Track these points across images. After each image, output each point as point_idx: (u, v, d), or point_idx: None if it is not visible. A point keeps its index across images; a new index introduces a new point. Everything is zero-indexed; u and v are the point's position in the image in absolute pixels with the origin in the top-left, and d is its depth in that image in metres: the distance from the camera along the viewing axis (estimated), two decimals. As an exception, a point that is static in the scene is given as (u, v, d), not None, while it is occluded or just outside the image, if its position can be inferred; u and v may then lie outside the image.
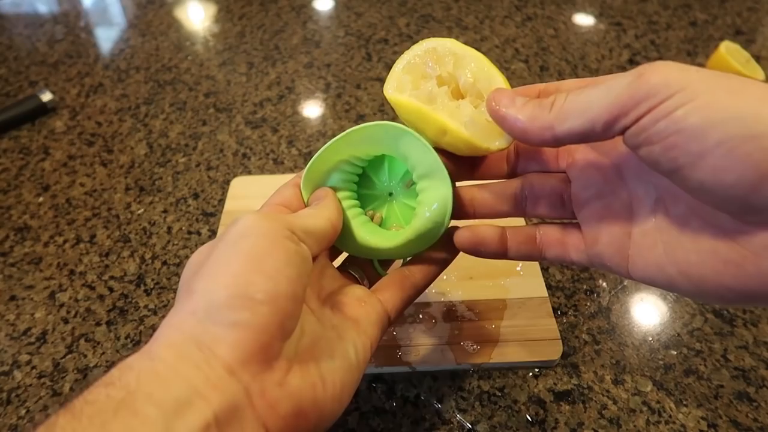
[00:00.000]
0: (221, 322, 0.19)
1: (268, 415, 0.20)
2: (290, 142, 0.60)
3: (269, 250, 0.21)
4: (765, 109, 0.17)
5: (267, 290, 0.20)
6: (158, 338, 0.20)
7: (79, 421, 0.17)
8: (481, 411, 0.38)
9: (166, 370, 0.19)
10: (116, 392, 0.18)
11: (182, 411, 0.18)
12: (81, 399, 0.18)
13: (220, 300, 0.20)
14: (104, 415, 0.17)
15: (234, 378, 0.19)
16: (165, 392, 0.18)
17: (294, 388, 0.21)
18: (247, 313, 0.20)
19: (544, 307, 0.43)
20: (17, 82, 0.69)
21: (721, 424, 0.38)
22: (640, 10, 0.81)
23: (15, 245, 0.50)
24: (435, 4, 0.83)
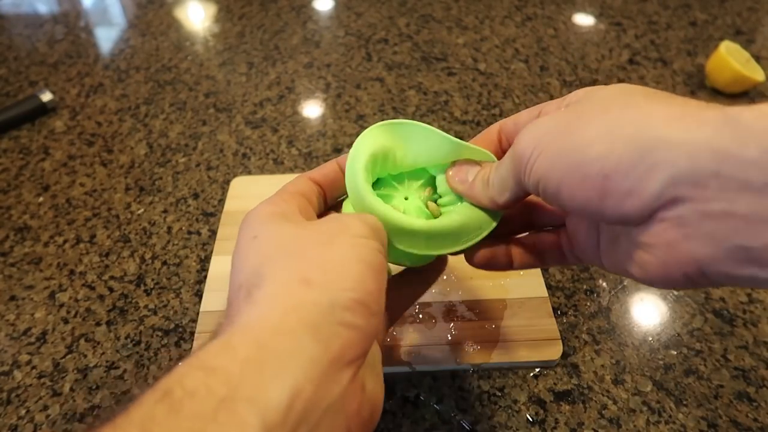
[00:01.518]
0: (341, 321, 0.20)
1: (354, 418, 0.20)
2: (290, 142, 0.60)
3: (381, 267, 0.23)
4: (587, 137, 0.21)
5: (379, 303, 0.22)
6: (263, 318, 0.20)
7: (177, 419, 0.17)
8: (481, 411, 0.38)
9: (274, 365, 0.18)
10: (218, 386, 0.17)
11: (281, 420, 0.17)
12: (178, 384, 0.17)
13: (344, 300, 0.20)
14: (204, 418, 0.17)
15: (335, 377, 0.19)
16: (269, 396, 0.17)
17: (371, 393, 0.22)
18: (363, 320, 0.20)
19: (544, 307, 0.43)
20: (17, 82, 0.69)
21: (721, 424, 0.38)
22: (640, 10, 0.81)
23: (15, 245, 0.50)
24: (435, 4, 0.83)
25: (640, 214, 0.20)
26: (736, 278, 0.19)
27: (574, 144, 0.21)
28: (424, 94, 0.66)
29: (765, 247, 0.17)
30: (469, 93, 0.66)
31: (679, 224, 0.19)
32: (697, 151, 0.18)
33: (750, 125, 0.17)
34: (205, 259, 0.48)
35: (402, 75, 0.69)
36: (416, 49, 0.74)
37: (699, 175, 0.18)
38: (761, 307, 0.44)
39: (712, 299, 0.45)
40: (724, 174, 0.17)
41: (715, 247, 0.18)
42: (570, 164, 0.21)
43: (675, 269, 0.20)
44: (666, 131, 0.19)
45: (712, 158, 0.18)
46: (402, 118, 0.63)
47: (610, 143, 0.20)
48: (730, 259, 0.18)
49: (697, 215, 0.18)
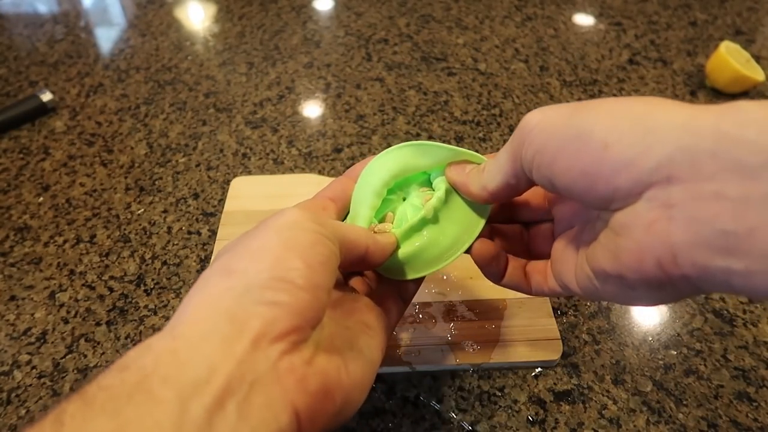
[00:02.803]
0: (259, 300, 0.20)
1: (296, 390, 0.20)
2: (290, 142, 0.60)
3: (311, 244, 0.22)
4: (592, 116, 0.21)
5: (307, 277, 0.21)
6: (183, 315, 0.20)
7: (91, 408, 0.17)
8: (481, 411, 0.38)
9: (187, 349, 0.19)
10: (131, 376, 0.18)
11: (199, 391, 0.17)
12: (95, 384, 0.18)
13: (261, 280, 0.20)
14: (117, 401, 0.17)
15: (260, 353, 0.19)
16: (182, 373, 0.18)
17: (321, 367, 0.21)
18: (286, 295, 0.20)
19: (544, 307, 0.43)
20: (17, 82, 0.69)
21: (721, 424, 0.38)
22: (640, 10, 0.81)
23: (15, 245, 0.50)
24: (435, 4, 0.83)
25: (630, 189, 0.20)
26: (708, 271, 0.18)
27: (579, 119, 0.22)
28: (424, 94, 0.66)
29: (747, 231, 0.17)
30: (469, 93, 0.66)
31: (665, 204, 0.19)
32: (699, 132, 0.18)
33: (751, 111, 0.18)
34: (205, 259, 0.48)
35: (402, 75, 0.69)
36: (416, 49, 0.74)
37: (697, 154, 0.18)
38: (761, 307, 0.44)
39: (712, 299, 0.45)
40: (721, 153, 0.18)
41: (695, 231, 0.18)
42: (570, 135, 0.22)
43: (649, 254, 0.20)
44: (671, 116, 0.19)
45: (712, 139, 0.18)
46: (402, 118, 0.63)
47: (615, 120, 0.21)
48: (707, 246, 0.18)
49: (687, 196, 0.19)
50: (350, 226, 0.27)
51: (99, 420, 0.16)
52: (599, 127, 0.21)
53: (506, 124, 0.62)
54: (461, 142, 0.60)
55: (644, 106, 0.20)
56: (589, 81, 0.68)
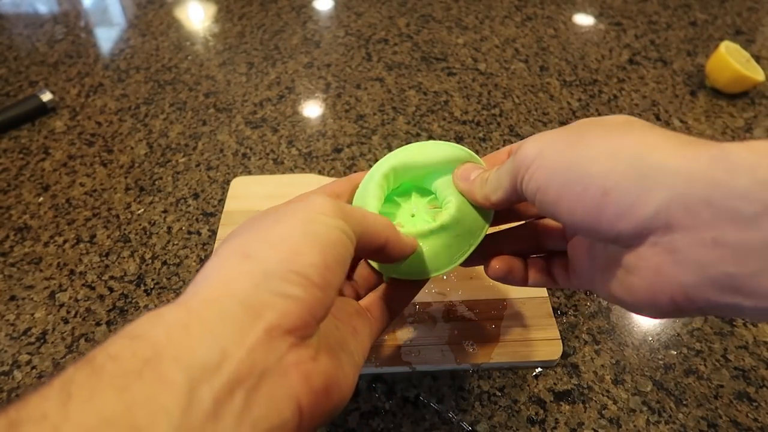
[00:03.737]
0: (274, 290, 0.20)
1: (301, 386, 0.20)
2: (290, 142, 0.60)
3: (333, 242, 0.22)
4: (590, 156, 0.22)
5: (323, 275, 0.21)
6: (197, 292, 0.20)
7: (99, 379, 0.16)
8: (481, 411, 0.38)
9: (200, 327, 0.18)
10: (143, 349, 0.17)
11: (208, 376, 0.17)
12: (103, 351, 0.17)
13: (279, 271, 0.20)
14: (127, 377, 0.16)
15: (271, 344, 0.19)
16: (194, 354, 0.17)
17: (324, 365, 0.21)
18: (302, 290, 0.20)
19: (544, 307, 0.43)
20: (17, 82, 0.69)
21: (721, 424, 0.38)
22: (640, 10, 0.81)
23: (15, 245, 0.50)
24: (435, 4, 0.83)
25: (633, 234, 0.21)
26: (720, 306, 0.19)
27: (577, 159, 0.22)
28: (424, 94, 0.66)
29: (750, 275, 0.18)
30: (469, 93, 0.66)
31: (669, 250, 0.20)
32: (693, 179, 0.19)
33: (741, 158, 0.18)
34: (205, 259, 0.48)
35: (402, 75, 0.69)
36: (416, 49, 0.74)
37: (692, 202, 0.19)
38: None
39: (712, 299, 0.45)
40: (716, 203, 0.18)
41: (702, 274, 0.19)
42: (570, 178, 0.22)
43: (661, 294, 0.21)
44: (664, 159, 0.20)
45: (705, 186, 0.19)
46: (402, 118, 0.63)
47: (612, 163, 0.21)
48: (715, 286, 0.19)
49: (688, 242, 0.19)
50: (375, 216, 0.27)
51: (107, 396, 0.16)
52: (597, 171, 0.21)
53: (506, 124, 0.62)
54: (461, 142, 0.60)
55: (638, 147, 0.21)
56: (589, 81, 0.68)
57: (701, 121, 0.62)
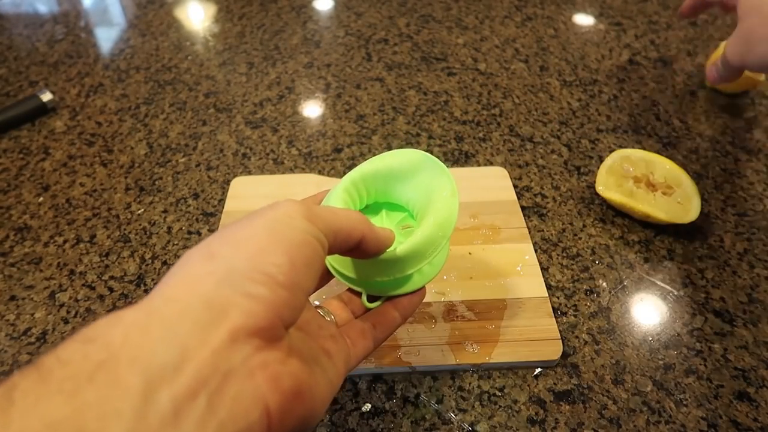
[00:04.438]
0: (239, 290, 0.19)
1: (268, 388, 0.19)
2: (290, 142, 0.60)
3: (299, 243, 0.22)
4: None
5: (288, 275, 0.21)
6: (160, 292, 0.19)
7: (46, 385, 0.15)
8: (481, 411, 0.38)
9: (159, 328, 0.17)
10: (96, 352, 0.16)
11: (168, 378, 0.16)
12: (53, 356, 0.16)
13: (242, 269, 0.20)
14: (77, 380, 0.15)
15: (236, 345, 0.18)
16: (152, 355, 0.17)
17: (294, 368, 0.21)
18: (266, 290, 0.20)
19: (544, 307, 0.43)
20: (17, 82, 0.69)
21: (721, 424, 0.38)
22: (640, 10, 0.81)
23: (15, 245, 0.50)
24: (435, 4, 0.83)
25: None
26: None
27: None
28: (424, 94, 0.66)
29: None
30: (469, 93, 0.66)
31: None
32: None
33: None
34: (205, 259, 0.48)
35: (402, 75, 0.69)
36: (416, 49, 0.74)
37: None
38: (761, 307, 0.44)
39: (712, 299, 0.45)
40: None
41: None
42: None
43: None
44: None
45: None
46: (402, 118, 0.63)
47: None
48: None
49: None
50: (347, 212, 0.26)
51: (54, 401, 0.15)
52: None
53: (506, 124, 0.62)
54: (461, 142, 0.60)
55: None
56: (589, 81, 0.68)
57: (701, 121, 0.62)
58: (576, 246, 0.49)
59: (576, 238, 0.50)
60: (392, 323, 0.32)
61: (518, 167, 0.57)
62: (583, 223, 0.51)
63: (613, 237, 0.50)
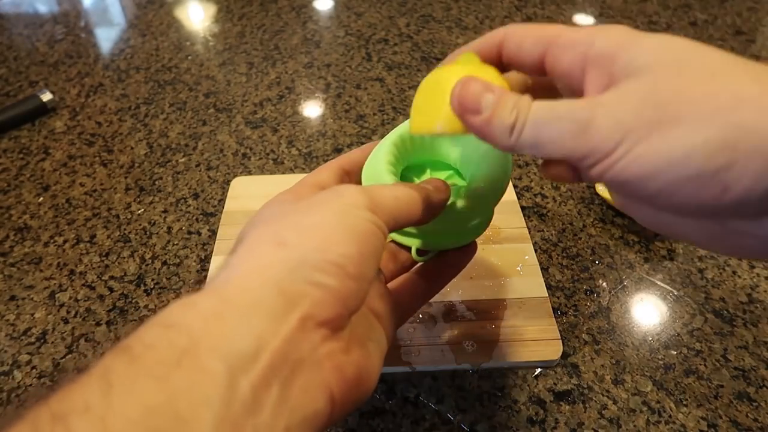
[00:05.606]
0: (311, 280, 0.20)
1: (334, 377, 0.20)
2: (290, 142, 0.60)
3: (367, 234, 0.22)
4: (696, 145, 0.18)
5: (357, 267, 0.21)
6: (230, 279, 0.20)
7: (138, 368, 0.16)
8: (481, 411, 0.38)
9: (235, 316, 0.18)
10: (179, 338, 0.17)
11: (247, 366, 0.17)
12: (138, 340, 0.17)
13: (314, 259, 0.20)
14: (166, 365, 0.16)
15: (306, 335, 0.19)
16: (231, 343, 0.17)
17: (356, 356, 0.21)
18: (336, 281, 0.20)
19: (544, 307, 0.43)
20: (17, 82, 0.69)
21: (721, 424, 0.38)
22: (640, 10, 0.81)
23: (15, 245, 0.50)
24: (435, 4, 0.83)
25: (757, 217, 0.19)
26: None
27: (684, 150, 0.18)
28: (424, 94, 0.66)
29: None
30: (469, 93, 0.66)
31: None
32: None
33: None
34: (205, 259, 0.48)
35: (402, 75, 0.69)
36: (416, 49, 0.74)
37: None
38: (761, 307, 0.44)
39: (712, 299, 0.45)
40: None
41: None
42: (681, 175, 0.18)
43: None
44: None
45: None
46: (402, 118, 0.63)
47: (731, 153, 0.18)
48: None
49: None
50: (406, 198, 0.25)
51: (148, 384, 0.16)
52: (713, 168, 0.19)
53: (506, 124, 0.62)
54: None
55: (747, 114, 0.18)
56: (589, 81, 0.68)
57: (701, 121, 0.62)
58: (576, 246, 0.49)
59: (576, 238, 0.50)
60: (444, 277, 0.32)
61: (518, 167, 0.57)
62: (583, 223, 0.51)
63: (613, 237, 0.50)
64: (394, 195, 0.24)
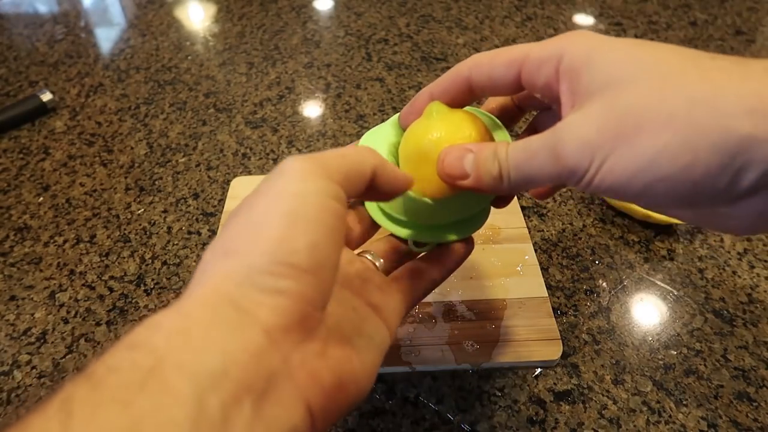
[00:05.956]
0: (263, 288, 0.18)
1: (309, 387, 0.19)
2: (290, 142, 0.60)
3: (316, 213, 0.20)
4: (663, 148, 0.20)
5: (313, 259, 0.19)
6: (191, 295, 0.19)
7: (100, 394, 0.15)
8: (481, 411, 0.38)
9: (199, 333, 0.17)
10: (143, 358, 0.16)
11: (216, 384, 0.16)
12: (102, 364, 0.16)
13: (261, 265, 0.19)
14: (130, 389, 0.15)
15: (273, 346, 0.18)
16: (198, 362, 0.16)
17: (334, 359, 0.20)
18: (291, 282, 0.19)
19: (544, 307, 0.43)
20: (17, 82, 0.69)
21: (721, 424, 0.38)
22: (640, 10, 0.81)
23: (15, 245, 0.50)
24: (435, 4, 0.83)
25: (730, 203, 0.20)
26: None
27: (649, 156, 0.20)
28: (424, 94, 0.66)
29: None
30: (469, 93, 0.66)
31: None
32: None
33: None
34: (205, 259, 0.48)
35: (402, 75, 0.69)
36: (416, 49, 0.74)
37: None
38: (761, 307, 0.44)
39: (712, 299, 0.45)
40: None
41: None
42: (652, 178, 0.20)
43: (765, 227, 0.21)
44: (751, 128, 0.18)
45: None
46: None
47: (693, 153, 0.19)
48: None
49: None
50: (353, 151, 0.23)
51: (110, 410, 0.15)
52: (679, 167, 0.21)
53: (506, 124, 0.62)
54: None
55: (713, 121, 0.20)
56: (589, 81, 0.68)
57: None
58: (576, 246, 0.49)
59: (576, 238, 0.50)
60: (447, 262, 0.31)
61: (518, 167, 0.57)
62: (583, 223, 0.51)
63: (613, 237, 0.50)
64: (338, 153, 0.22)
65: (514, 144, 0.24)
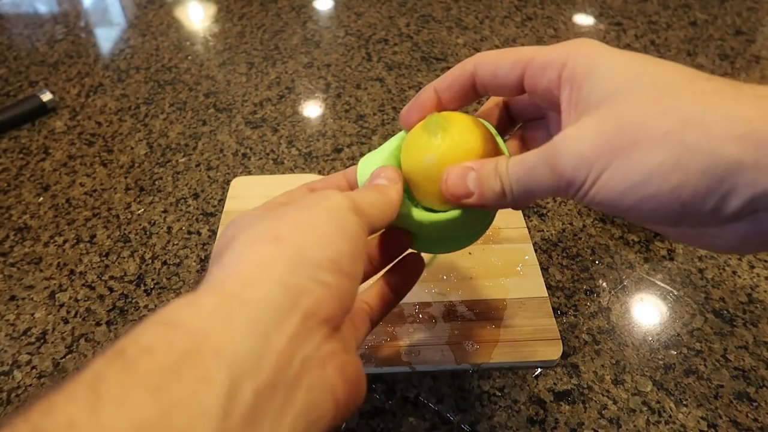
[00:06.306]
0: (312, 276, 0.19)
1: (337, 378, 0.19)
2: (290, 142, 0.60)
3: (357, 235, 0.22)
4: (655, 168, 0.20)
5: (352, 265, 0.21)
6: (231, 275, 0.19)
7: (132, 377, 0.15)
8: (481, 411, 0.38)
9: (243, 314, 0.17)
10: (181, 340, 0.16)
11: (251, 370, 0.16)
12: (134, 342, 0.16)
13: (314, 256, 0.20)
14: (164, 374, 0.15)
15: (309, 333, 0.19)
16: (236, 346, 0.16)
17: (355, 356, 0.21)
18: (335, 278, 0.20)
19: (544, 307, 0.43)
20: (17, 82, 0.69)
21: (721, 424, 0.38)
22: (640, 10, 0.81)
23: (15, 245, 0.50)
24: (435, 4, 0.83)
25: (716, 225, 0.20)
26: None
27: (642, 173, 0.20)
28: (424, 94, 0.66)
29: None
30: (469, 93, 0.66)
31: (756, 222, 0.20)
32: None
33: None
34: (205, 259, 0.48)
35: (402, 75, 0.69)
36: (416, 49, 0.74)
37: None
38: (761, 307, 0.44)
39: (712, 299, 0.45)
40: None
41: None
42: (643, 195, 0.20)
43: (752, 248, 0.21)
44: (739, 153, 0.18)
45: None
46: (402, 118, 0.63)
47: (683, 174, 0.19)
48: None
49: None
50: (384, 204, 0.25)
51: (141, 397, 0.15)
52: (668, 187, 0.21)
53: (506, 124, 0.62)
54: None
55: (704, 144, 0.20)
56: (589, 81, 0.68)
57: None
58: (576, 246, 0.49)
59: (576, 238, 0.50)
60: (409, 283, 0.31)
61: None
62: (583, 223, 0.51)
63: (613, 237, 0.50)
64: (369, 202, 0.24)
65: (513, 158, 0.24)
